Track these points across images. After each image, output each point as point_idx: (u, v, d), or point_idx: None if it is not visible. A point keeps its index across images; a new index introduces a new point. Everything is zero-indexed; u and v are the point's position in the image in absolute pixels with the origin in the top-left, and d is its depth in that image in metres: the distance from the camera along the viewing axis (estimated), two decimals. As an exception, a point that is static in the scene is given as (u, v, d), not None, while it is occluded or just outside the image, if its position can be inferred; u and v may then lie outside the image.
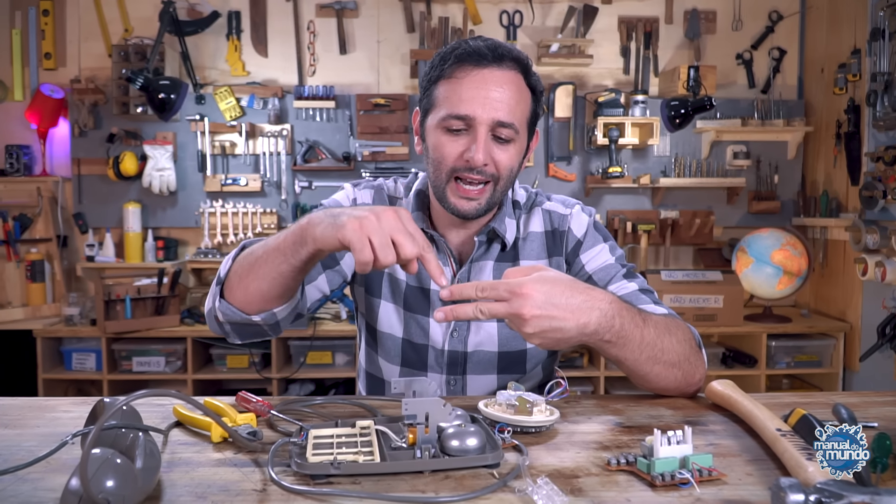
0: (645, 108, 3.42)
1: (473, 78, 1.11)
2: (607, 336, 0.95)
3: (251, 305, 1.04)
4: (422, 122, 1.20)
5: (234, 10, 3.45)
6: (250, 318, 1.05)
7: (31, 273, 3.28)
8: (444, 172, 1.14)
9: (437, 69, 1.15)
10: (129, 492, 0.64)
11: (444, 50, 1.15)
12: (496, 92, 1.11)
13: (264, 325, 1.07)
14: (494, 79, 1.11)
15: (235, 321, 1.07)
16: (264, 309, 1.04)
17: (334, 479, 0.74)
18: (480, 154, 1.10)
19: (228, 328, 1.10)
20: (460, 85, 1.11)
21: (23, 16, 3.42)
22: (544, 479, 0.69)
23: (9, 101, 3.45)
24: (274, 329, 1.10)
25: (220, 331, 1.11)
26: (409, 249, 0.87)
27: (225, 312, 1.06)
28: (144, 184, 3.32)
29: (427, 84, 1.17)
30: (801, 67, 3.63)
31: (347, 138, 3.45)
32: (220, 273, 1.09)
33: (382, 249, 0.86)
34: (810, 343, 3.23)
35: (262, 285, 1.01)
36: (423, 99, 1.19)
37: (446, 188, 1.15)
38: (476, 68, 1.11)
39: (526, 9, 3.53)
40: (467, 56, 1.11)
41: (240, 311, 1.05)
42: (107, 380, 3.11)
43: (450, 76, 1.13)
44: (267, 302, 1.04)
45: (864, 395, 1.09)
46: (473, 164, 1.10)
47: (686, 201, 3.59)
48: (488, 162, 1.11)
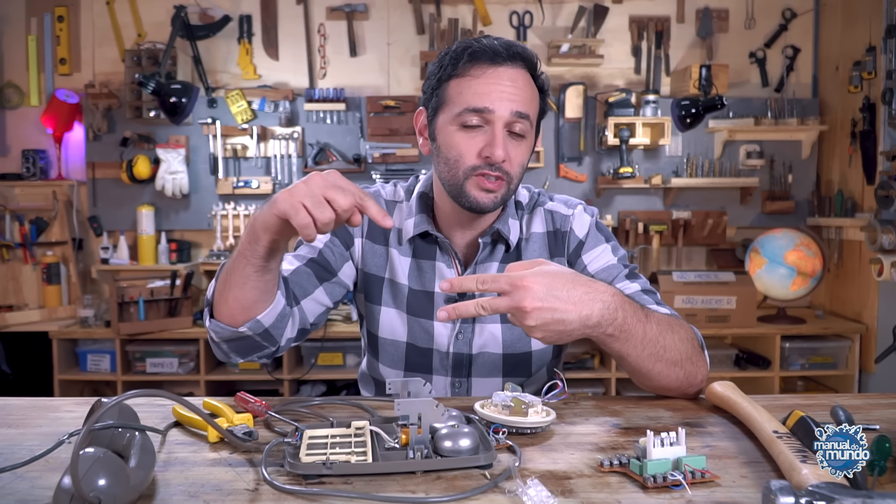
0: (656, 107, 3.40)
1: (489, 75, 1.12)
2: (610, 329, 0.94)
3: (235, 317, 1.05)
4: (430, 121, 1.20)
5: (246, 14, 3.48)
6: (238, 330, 1.06)
7: (47, 275, 3.32)
8: (461, 170, 1.13)
9: (449, 68, 1.15)
10: (120, 490, 0.65)
11: (454, 49, 1.15)
12: (512, 87, 1.12)
13: (254, 335, 1.07)
14: (509, 75, 1.12)
15: (227, 337, 1.08)
16: (248, 318, 1.05)
17: (326, 480, 0.74)
18: (500, 149, 1.10)
19: (225, 347, 1.10)
20: (476, 81, 1.12)
21: (38, 22, 3.47)
22: (534, 479, 0.69)
23: (25, 106, 3.50)
24: (267, 339, 1.09)
25: (219, 352, 1.12)
26: (343, 200, 0.87)
27: (215, 330, 1.08)
28: (157, 187, 3.36)
29: (436, 83, 1.17)
30: (816, 65, 3.59)
31: (358, 140, 3.46)
32: (208, 296, 1.11)
33: (317, 208, 0.87)
34: (825, 345, 3.19)
35: (237, 293, 1.03)
36: (430, 98, 1.18)
37: (465, 184, 1.14)
38: (491, 66, 1.12)
39: (536, 9, 3.53)
40: (481, 54, 1.12)
41: (227, 326, 1.06)
42: (121, 381, 3.15)
43: (463, 74, 1.13)
44: (247, 310, 1.04)
45: (869, 398, 1.07)
46: (494, 160, 1.11)
47: (698, 202, 3.56)
48: (506, 158, 1.12)
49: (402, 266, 1.25)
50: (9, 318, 3.16)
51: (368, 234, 1.27)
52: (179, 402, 0.81)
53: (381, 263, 1.27)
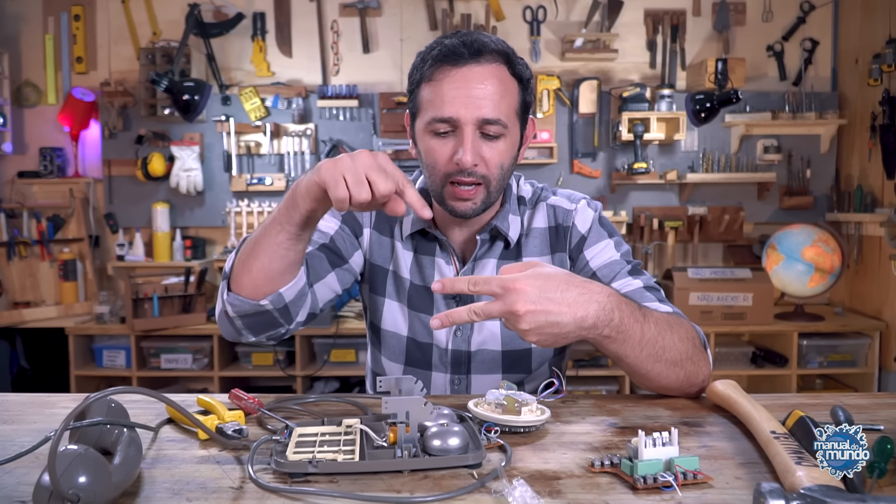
0: (671, 102, 3.35)
1: (453, 78, 1.09)
2: (606, 331, 0.93)
3: (258, 289, 1.03)
4: (411, 125, 1.19)
5: (259, 12, 3.49)
6: (259, 303, 1.04)
7: (64, 272, 3.36)
8: (438, 177, 1.13)
9: (419, 71, 1.13)
10: (101, 487, 0.64)
11: (424, 50, 1.14)
12: (478, 89, 1.08)
13: (274, 309, 1.05)
14: (474, 76, 1.09)
15: (245, 312, 1.06)
16: (271, 290, 1.04)
17: (312, 478, 0.73)
18: (469, 155, 1.08)
19: (240, 323, 1.08)
20: (441, 87, 1.09)
21: (55, 21, 3.51)
22: (519, 480, 0.68)
23: (43, 104, 3.55)
24: (285, 317, 1.08)
25: (231, 330, 1.11)
26: (383, 185, 0.87)
27: (233, 303, 1.05)
28: (172, 184, 3.38)
29: (411, 87, 1.16)
30: (835, 58, 3.52)
31: (371, 137, 3.46)
32: (226, 269, 1.09)
33: (356, 186, 0.86)
34: (844, 342, 3.13)
35: (263, 262, 1.01)
36: (409, 102, 1.17)
37: (443, 192, 1.13)
38: (454, 68, 1.09)
39: (549, 4, 3.50)
40: (444, 56, 1.09)
41: (248, 300, 1.04)
42: (136, 377, 3.18)
43: (430, 78, 1.11)
44: (272, 280, 1.03)
45: (878, 397, 1.05)
46: (463, 166, 1.09)
47: (715, 197, 3.51)
48: (478, 162, 1.10)
49: (406, 260, 1.25)
50: (26, 315, 3.21)
51: (376, 225, 1.27)
52: (161, 399, 0.81)
53: (386, 255, 1.27)
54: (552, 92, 3.44)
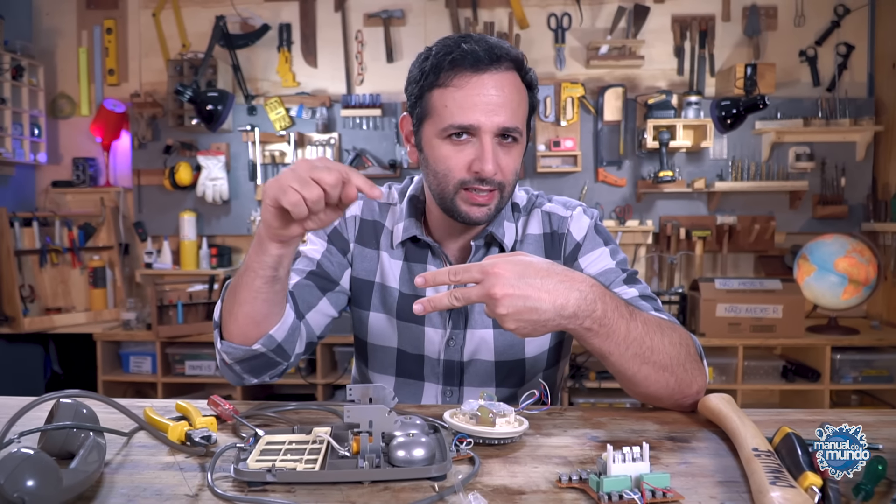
0: (699, 109, 3.28)
1: (473, 85, 1.06)
2: (588, 322, 0.89)
3: (247, 335, 1.03)
4: (416, 129, 1.15)
5: (285, 23, 3.53)
6: (251, 348, 1.04)
7: (94, 279, 3.43)
8: (450, 185, 1.09)
9: (431, 76, 1.09)
10: (49, 492, 0.64)
11: (436, 53, 1.09)
12: (498, 97, 1.06)
13: (267, 351, 1.05)
14: (494, 83, 1.06)
15: (240, 357, 1.05)
16: (260, 334, 1.03)
17: (270, 487, 0.72)
18: (490, 164, 1.06)
19: (238, 368, 1.08)
20: (460, 93, 1.06)
21: (88, 35, 3.61)
22: (475, 494, 0.65)
23: (76, 115, 3.64)
24: (281, 355, 1.07)
25: (233, 375, 1.10)
26: (329, 177, 0.86)
27: (228, 351, 1.05)
28: (198, 193, 3.43)
29: (419, 91, 1.11)
30: (871, 63, 3.41)
31: (394, 146, 3.46)
32: (215, 318, 1.08)
33: (304, 187, 0.86)
34: (880, 357, 3.01)
35: (246, 309, 1.01)
36: (415, 106, 1.14)
37: (455, 198, 1.10)
38: (475, 74, 1.06)
39: (574, 11, 3.46)
40: (462, 60, 1.06)
41: (241, 346, 1.04)
42: (161, 382, 3.22)
43: (446, 84, 1.07)
44: (258, 325, 1.02)
45: (883, 414, 0.99)
46: (484, 175, 1.06)
47: (744, 206, 3.42)
48: (497, 171, 1.08)
49: (394, 270, 1.23)
50: (57, 321, 3.28)
51: (358, 239, 1.25)
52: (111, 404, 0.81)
53: (370, 268, 1.24)
54: (577, 100, 3.40)
